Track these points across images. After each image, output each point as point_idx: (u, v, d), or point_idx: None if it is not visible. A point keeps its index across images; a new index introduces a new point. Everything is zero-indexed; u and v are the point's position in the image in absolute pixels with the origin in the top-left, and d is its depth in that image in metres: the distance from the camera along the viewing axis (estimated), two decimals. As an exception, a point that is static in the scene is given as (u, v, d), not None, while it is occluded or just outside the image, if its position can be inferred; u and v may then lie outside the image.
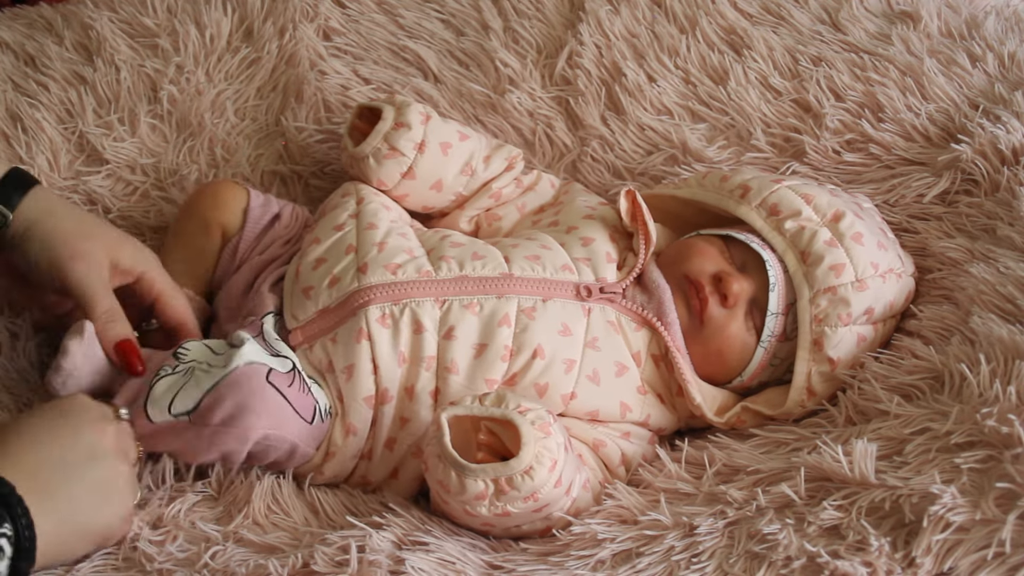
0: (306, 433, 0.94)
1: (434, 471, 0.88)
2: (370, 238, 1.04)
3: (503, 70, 1.30)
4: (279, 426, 0.91)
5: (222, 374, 0.90)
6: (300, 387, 0.94)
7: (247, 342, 0.94)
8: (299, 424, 0.93)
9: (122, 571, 0.85)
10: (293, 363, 0.95)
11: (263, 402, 0.89)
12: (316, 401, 0.95)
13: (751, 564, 0.82)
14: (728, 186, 1.10)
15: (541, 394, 0.98)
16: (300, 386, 0.94)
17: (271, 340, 0.98)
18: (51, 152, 1.25)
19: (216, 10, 1.33)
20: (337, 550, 0.85)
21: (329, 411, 0.97)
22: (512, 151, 1.20)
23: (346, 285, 1.00)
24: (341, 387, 0.97)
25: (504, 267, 1.03)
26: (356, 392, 0.97)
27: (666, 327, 1.04)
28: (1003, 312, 0.94)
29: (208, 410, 0.89)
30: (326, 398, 0.97)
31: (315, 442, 0.96)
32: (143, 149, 1.27)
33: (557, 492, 0.87)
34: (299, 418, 0.93)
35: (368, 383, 0.97)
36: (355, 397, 0.97)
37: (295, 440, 0.93)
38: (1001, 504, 0.77)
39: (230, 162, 1.28)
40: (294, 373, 0.94)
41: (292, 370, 0.94)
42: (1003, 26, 1.23)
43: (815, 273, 1.01)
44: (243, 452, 0.91)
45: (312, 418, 0.94)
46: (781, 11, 1.29)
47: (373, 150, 1.12)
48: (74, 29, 1.34)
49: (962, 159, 1.10)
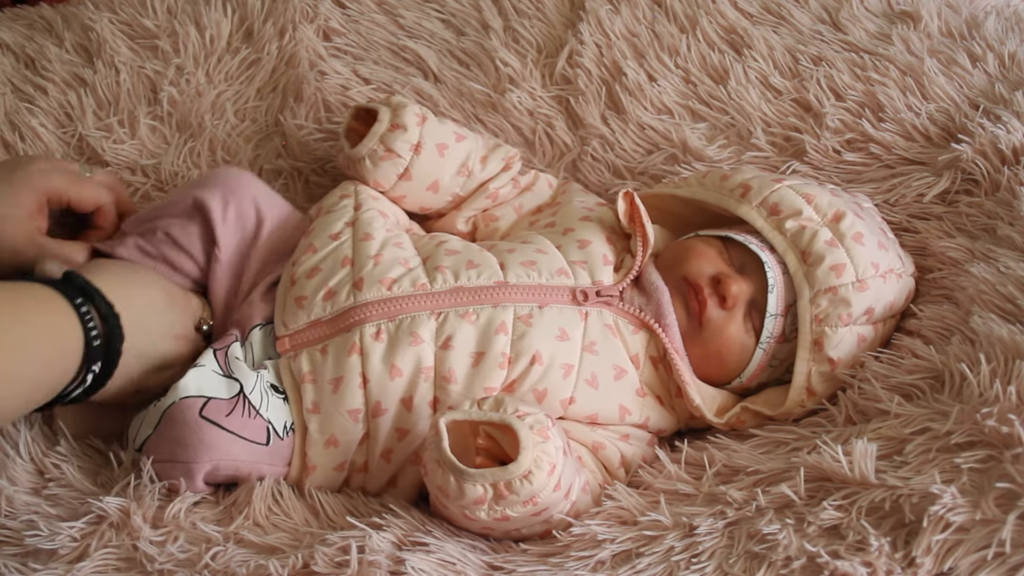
0: (263, 454, 0.95)
1: (433, 476, 0.88)
2: (366, 250, 1.04)
3: (503, 69, 1.30)
4: (225, 455, 0.92)
5: (158, 413, 0.93)
6: (244, 412, 0.94)
7: (191, 370, 0.95)
8: (249, 448, 0.93)
9: (123, 571, 0.85)
10: (241, 387, 0.95)
11: (198, 437, 0.91)
12: (268, 422, 0.95)
13: (751, 564, 0.82)
14: (728, 185, 1.10)
15: (540, 400, 0.98)
16: (244, 411, 0.94)
17: (231, 360, 0.98)
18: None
19: (216, 11, 1.33)
20: (337, 550, 0.85)
21: (290, 428, 0.97)
22: (509, 151, 1.20)
23: (341, 301, 1.00)
24: (322, 398, 0.97)
25: (499, 275, 1.02)
26: (340, 405, 0.96)
27: (664, 329, 1.04)
28: (1003, 312, 0.94)
29: (152, 447, 0.93)
30: (286, 415, 0.97)
31: (280, 460, 0.97)
32: (143, 151, 1.28)
33: (556, 496, 0.87)
34: (247, 442, 0.93)
35: (356, 396, 0.97)
36: (339, 409, 0.96)
37: (252, 462, 0.94)
38: (1001, 504, 0.77)
39: (231, 163, 1.28)
40: (238, 399, 0.94)
41: (237, 395, 0.94)
42: (1003, 26, 1.23)
43: (816, 273, 1.01)
44: (197, 482, 0.93)
45: (267, 439, 0.95)
46: (781, 11, 1.28)
47: (369, 152, 1.12)
48: (74, 31, 1.34)
49: (962, 159, 1.10)
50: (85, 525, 0.88)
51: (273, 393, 0.98)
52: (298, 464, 0.98)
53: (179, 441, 0.91)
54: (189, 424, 0.91)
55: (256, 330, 1.03)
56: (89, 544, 0.87)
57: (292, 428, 0.97)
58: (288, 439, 0.97)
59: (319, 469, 0.98)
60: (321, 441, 0.97)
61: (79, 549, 0.87)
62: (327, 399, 0.97)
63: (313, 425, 0.97)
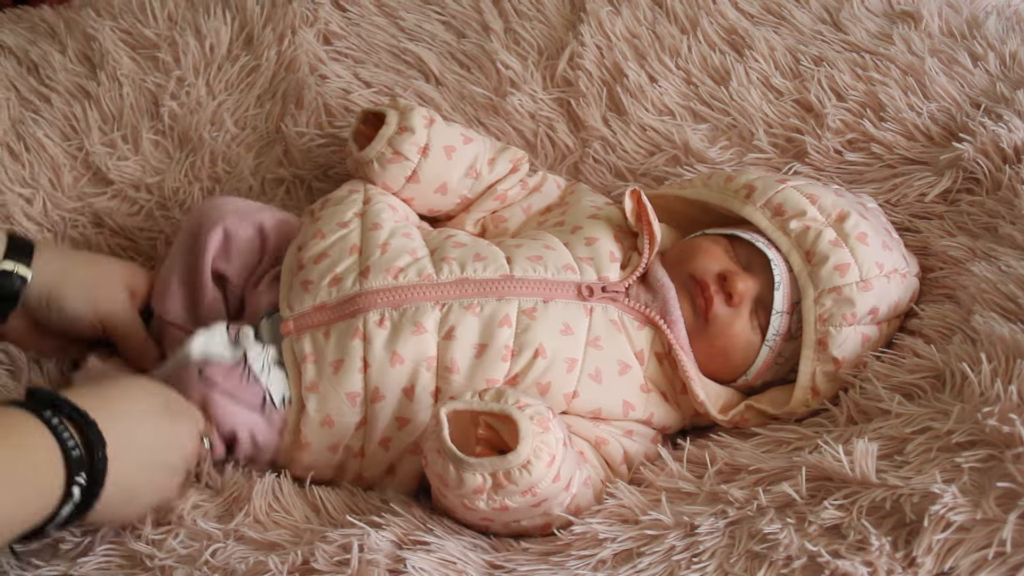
0: (257, 419, 0.97)
1: (433, 465, 0.88)
2: (374, 239, 1.05)
3: (504, 72, 1.30)
4: (220, 413, 0.95)
5: (163, 375, 0.96)
6: (244, 376, 0.97)
7: (201, 332, 0.98)
8: (244, 411, 0.96)
9: (124, 568, 0.86)
10: (244, 354, 0.98)
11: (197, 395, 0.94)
12: (266, 389, 0.97)
13: (752, 564, 0.81)
14: (733, 186, 1.10)
15: (543, 393, 0.99)
16: (244, 374, 0.97)
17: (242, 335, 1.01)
18: (53, 171, 1.26)
19: (215, 18, 1.33)
20: (338, 548, 0.85)
21: (286, 400, 0.98)
22: (517, 153, 1.21)
23: (347, 287, 1.01)
24: (322, 378, 0.98)
25: (506, 268, 1.03)
26: (339, 387, 0.97)
27: (670, 325, 1.04)
28: (1004, 311, 0.94)
29: None
30: (285, 388, 0.99)
31: (273, 428, 0.98)
32: (147, 167, 1.28)
33: (556, 487, 0.87)
34: (241, 405, 0.96)
35: (355, 380, 0.97)
36: (338, 391, 0.97)
37: (245, 424, 0.96)
38: (1002, 504, 0.77)
39: (232, 174, 1.28)
40: (240, 363, 0.97)
41: (240, 361, 0.97)
42: (1004, 25, 1.23)
43: (820, 273, 1.01)
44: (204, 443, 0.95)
45: (262, 405, 0.97)
46: (782, 11, 1.29)
47: (377, 154, 1.13)
48: (76, 38, 1.34)
49: (964, 158, 1.10)
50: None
51: (276, 367, 0.99)
52: (291, 439, 0.98)
53: None
54: (188, 382, 0.94)
55: (264, 320, 1.05)
56: (91, 540, 0.88)
57: (289, 401, 0.99)
58: (281, 410, 0.98)
59: (313, 447, 0.98)
60: (317, 420, 0.98)
61: (81, 546, 0.88)
62: (327, 380, 0.98)
63: (311, 403, 0.98)
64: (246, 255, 1.11)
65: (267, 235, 1.11)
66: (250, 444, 0.97)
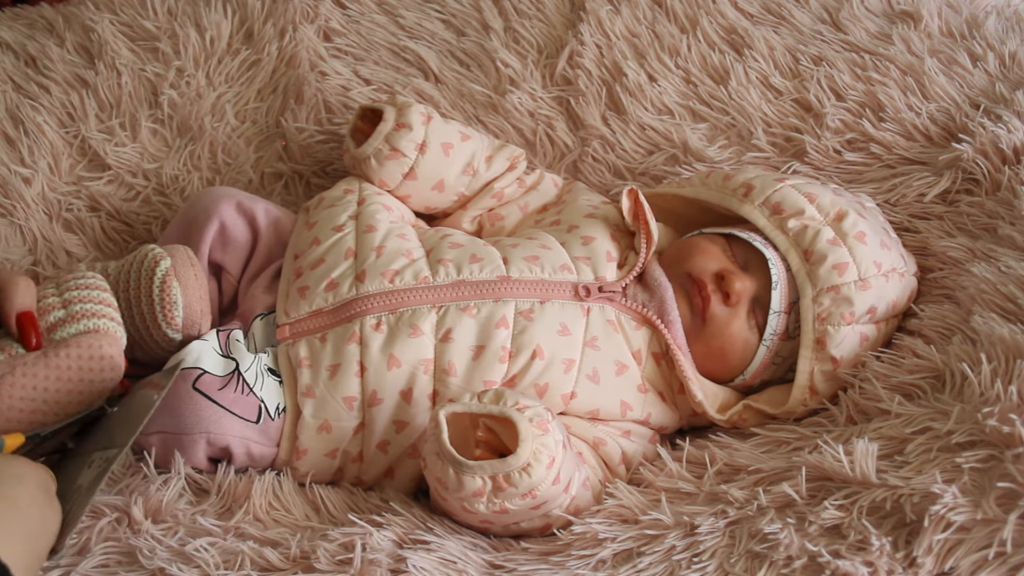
0: (253, 431, 0.95)
1: (432, 468, 0.88)
2: (369, 242, 1.04)
3: (504, 70, 1.30)
4: (215, 428, 0.93)
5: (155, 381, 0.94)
6: (237, 388, 0.95)
7: (195, 341, 0.97)
8: (239, 424, 0.94)
9: (124, 565, 0.85)
10: (236, 366, 0.97)
11: (189, 408, 0.93)
12: (261, 400, 0.96)
13: (752, 564, 0.81)
14: (731, 185, 1.10)
15: (541, 394, 0.99)
16: (238, 387, 0.95)
17: (232, 342, 1.00)
18: (52, 156, 1.25)
19: (216, 12, 1.33)
20: (339, 547, 0.85)
21: (281, 409, 0.98)
22: (514, 151, 1.20)
23: (343, 292, 1.01)
24: (318, 383, 0.97)
25: (502, 269, 1.03)
26: (336, 391, 0.97)
27: (667, 325, 1.04)
28: (1004, 311, 0.94)
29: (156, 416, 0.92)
30: (279, 397, 0.98)
31: (269, 440, 0.97)
32: (145, 154, 1.28)
33: (555, 489, 0.87)
34: (237, 418, 0.94)
35: (352, 384, 0.97)
36: (335, 396, 0.97)
37: (241, 438, 0.95)
38: (1002, 504, 0.77)
39: (231, 166, 1.28)
40: (233, 375, 0.96)
41: (232, 373, 0.96)
42: (1004, 26, 1.23)
43: (818, 272, 1.01)
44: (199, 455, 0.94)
45: (257, 417, 0.96)
46: (782, 11, 1.29)
47: (375, 151, 1.13)
48: (75, 31, 1.34)
49: (963, 158, 1.10)
50: (85, 519, 0.88)
51: (269, 375, 0.99)
52: (287, 447, 0.98)
53: (171, 411, 0.93)
54: (181, 395, 0.93)
55: (258, 320, 1.05)
56: (89, 539, 0.87)
57: (284, 410, 0.98)
58: (279, 420, 0.97)
59: (311, 453, 0.98)
60: (314, 426, 0.97)
61: (79, 544, 0.87)
62: (323, 384, 0.97)
63: (307, 409, 0.97)
64: (239, 248, 1.11)
65: (259, 230, 1.11)
66: (245, 458, 0.96)
